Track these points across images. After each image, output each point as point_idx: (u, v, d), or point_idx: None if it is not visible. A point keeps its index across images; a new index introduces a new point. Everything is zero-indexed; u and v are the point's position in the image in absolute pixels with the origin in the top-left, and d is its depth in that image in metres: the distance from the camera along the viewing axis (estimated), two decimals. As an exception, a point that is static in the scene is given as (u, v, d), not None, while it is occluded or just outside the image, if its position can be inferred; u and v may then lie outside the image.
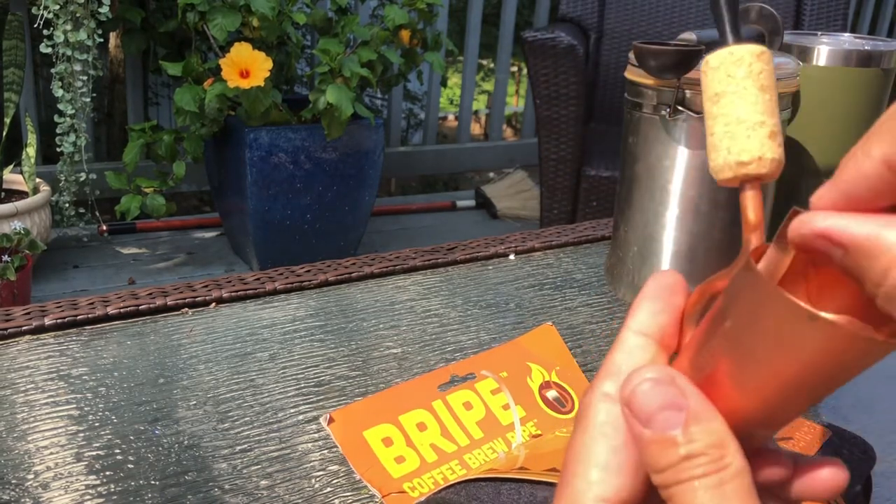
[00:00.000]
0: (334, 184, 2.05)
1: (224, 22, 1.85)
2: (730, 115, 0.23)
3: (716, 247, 0.67)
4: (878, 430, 0.55)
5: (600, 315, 0.68)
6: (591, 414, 0.25)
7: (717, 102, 0.24)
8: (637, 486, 0.24)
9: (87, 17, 1.90)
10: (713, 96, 0.24)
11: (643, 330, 0.26)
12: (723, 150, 0.23)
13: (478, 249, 0.78)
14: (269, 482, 0.45)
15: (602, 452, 0.24)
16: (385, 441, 0.48)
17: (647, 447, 0.22)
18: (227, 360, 0.56)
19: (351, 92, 1.88)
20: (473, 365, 0.54)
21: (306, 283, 0.68)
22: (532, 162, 2.72)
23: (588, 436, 0.24)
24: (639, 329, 0.26)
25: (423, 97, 3.42)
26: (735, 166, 0.23)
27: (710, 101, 0.24)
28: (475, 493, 0.39)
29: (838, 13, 2.36)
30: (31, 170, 1.98)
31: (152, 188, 1.98)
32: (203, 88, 1.87)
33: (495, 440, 0.50)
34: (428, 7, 2.16)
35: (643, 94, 0.66)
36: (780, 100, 0.65)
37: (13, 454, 0.46)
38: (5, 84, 1.93)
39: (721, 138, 0.23)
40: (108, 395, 0.52)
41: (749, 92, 0.23)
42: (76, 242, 2.23)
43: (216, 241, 2.37)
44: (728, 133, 0.23)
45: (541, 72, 2.05)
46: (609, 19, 2.43)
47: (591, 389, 0.25)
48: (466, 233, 2.61)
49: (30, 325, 0.58)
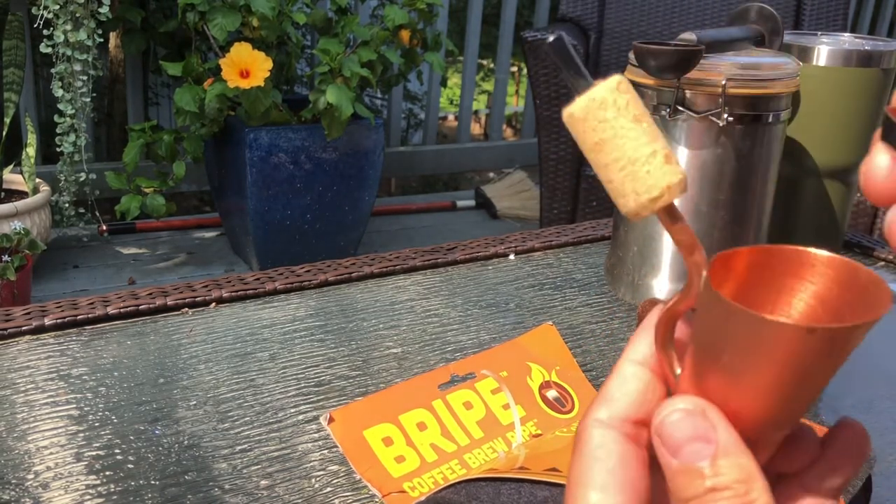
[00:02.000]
0: (334, 184, 2.05)
1: (224, 22, 1.85)
2: (621, 158, 0.23)
3: (716, 247, 0.67)
4: (878, 430, 0.55)
5: (600, 315, 0.68)
6: (585, 439, 0.25)
7: (601, 150, 0.23)
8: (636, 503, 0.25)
9: (87, 17, 1.90)
10: (594, 146, 0.23)
11: (639, 359, 0.26)
12: (630, 195, 0.23)
13: (478, 249, 0.78)
14: (269, 482, 0.45)
15: (599, 475, 0.25)
16: (385, 441, 0.48)
17: (675, 476, 0.23)
18: (227, 360, 0.56)
19: (351, 92, 1.88)
20: (473, 365, 0.54)
21: (306, 283, 0.68)
22: (532, 162, 2.72)
23: (584, 461, 0.25)
24: (635, 358, 0.26)
25: (423, 97, 3.42)
26: (649, 204, 0.23)
27: (592, 151, 0.24)
28: (475, 493, 0.39)
29: (838, 13, 2.36)
30: (31, 170, 1.98)
31: (152, 188, 1.98)
32: (203, 88, 1.87)
33: (495, 440, 0.50)
34: (428, 7, 2.16)
35: (643, 94, 0.66)
36: (781, 100, 0.65)
37: (13, 454, 0.46)
38: (5, 84, 1.93)
39: (623, 183, 0.23)
40: (108, 395, 0.52)
41: (627, 128, 0.23)
42: (76, 242, 2.23)
43: (216, 241, 2.37)
44: (628, 176, 0.23)
45: (541, 72, 2.05)
46: (609, 19, 2.43)
47: (586, 416, 0.26)
48: (466, 233, 2.61)
49: (30, 325, 0.58)
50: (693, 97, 0.63)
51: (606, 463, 0.25)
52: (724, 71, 0.62)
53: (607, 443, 0.25)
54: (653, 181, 0.23)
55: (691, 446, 0.23)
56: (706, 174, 0.65)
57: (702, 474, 0.22)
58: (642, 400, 0.25)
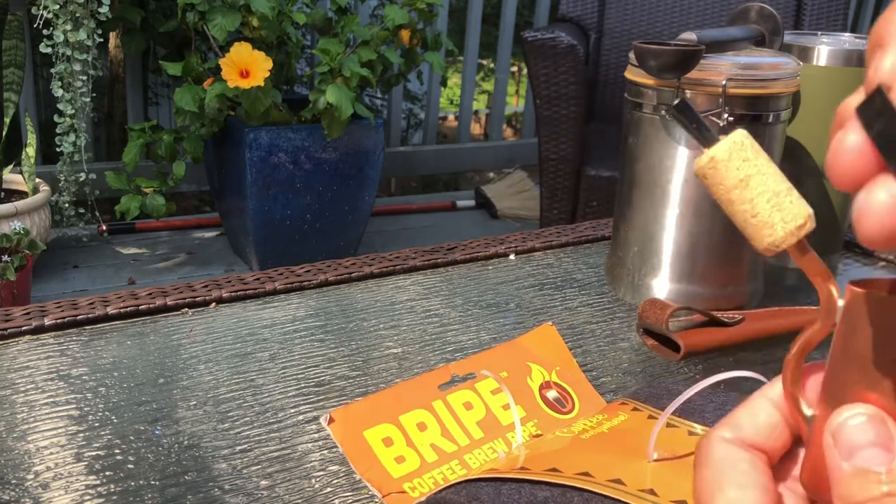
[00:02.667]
0: (334, 184, 2.05)
1: (224, 22, 1.85)
2: (766, 191, 0.26)
3: (716, 247, 0.67)
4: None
5: (600, 315, 0.68)
6: (709, 452, 0.26)
7: (747, 186, 0.26)
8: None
9: (87, 17, 1.90)
10: (739, 183, 0.26)
11: (772, 398, 0.27)
12: (778, 224, 0.26)
13: (478, 249, 0.78)
14: (269, 482, 0.45)
15: (734, 475, 0.26)
16: (385, 441, 0.48)
17: (846, 479, 0.23)
18: (227, 360, 0.56)
19: (351, 92, 1.88)
20: (473, 365, 0.54)
21: (306, 283, 0.68)
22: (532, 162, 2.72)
23: (715, 467, 0.26)
24: (769, 396, 0.27)
25: (423, 97, 3.42)
26: (796, 231, 0.25)
27: (737, 188, 0.26)
28: (475, 493, 0.39)
29: (838, 13, 2.36)
30: (31, 170, 1.98)
31: (152, 188, 1.98)
32: (203, 88, 1.87)
33: (495, 440, 0.50)
34: (428, 7, 2.16)
35: (643, 94, 0.66)
36: (781, 100, 0.65)
37: (13, 454, 0.46)
38: (5, 84, 1.93)
39: (770, 214, 0.26)
40: (108, 395, 0.52)
41: (766, 166, 0.26)
42: (76, 242, 2.23)
43: (216, 241, 2.37)
44: (775, 206, 0.26)
45: (541, 72, 2.05)
46: (609, 19, 2.43)
47: (708, 436, 0.27)
48: (466, 233, 2.61)
49: (30, 325, 0.58)
50: (693, 97, 0.63)
51: (738, 466, 0.26)
52: (724, 71, 0.62)
53: (734, 453, 0.26)
54: (797, 210, 0.25)
55: (868, 451, 0.23)
56: (706, 174, 0.65)
57: (878, 479, 0.22)
58: (767, 434, 0.26)
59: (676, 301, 0.66)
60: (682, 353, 0.60)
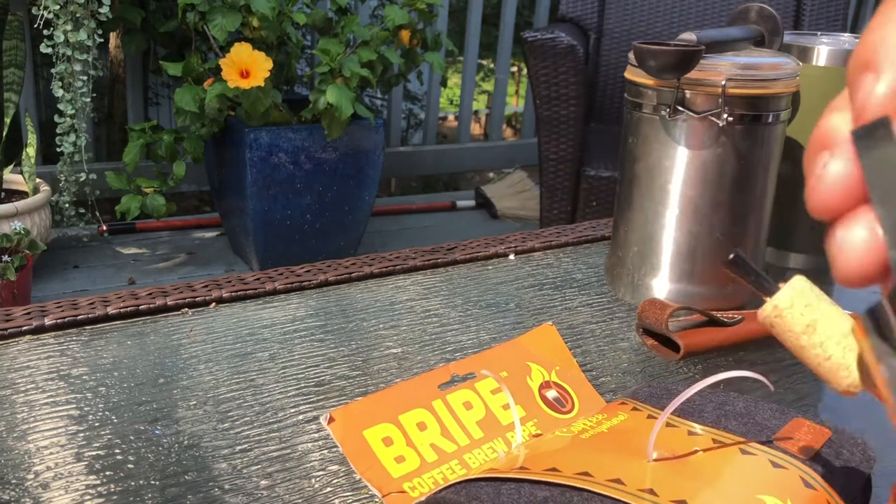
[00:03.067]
0: (334, 184, 2.05)
1: (224, 22, 1.85)
2: (834, 334, 0.26)
3: (716, 247, 0.67)
4: (877, 430, 0.55)
5: (600, 315, 0.68)
6: None
7: (815, 331, 0.26)
8: None
9: (87, 17, 1.90)
10: (806, 328, 0.26)
11: None
12: (852, 365, 0.26)
13: (478, 249, 0.78)
14: (269, 482, 0.45)
15: None
16: (385, 441, 0.48)
17: None
18: (227, 360, 0.56)
19: (351, 92, 1.88)
20: (473, 364, 0.54)
21: (306, 283, 0.68)
22: (532, 162, 2.72)
23: None
24: None
25: (423, 97, 3.43)
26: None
27: (805, 334, 0.26)
28: (475, 493, 0.39)
29: (838, 13, 2.36)
30: (31, 170, 1.98)
31: (152, 188, 1.98)
32: (203, 88, 1.87)
33: (495, 440, 0.50)
34: (428, 7, 2.16)
35: (643, 94, 0.66)
36: (781, 100, 0.65)
37: (13, 454, 0.46)
38: (5, 84, 1.93)
39: (843, 356, 0.26)
40: (108, 395, 0.52)
41: (829, 309, 0.26)
42: (76, 242, 2.23)
43: (216, 241, 2.37)
44: (847, 348, 0.26)
45: (541, 72, 2.05)
46: (609, 19, 2.43)
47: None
48: (466, 233, 2.61)
49: (30, 325, 0.58)
50: (693, 97, 0.63)
51: None
52: (724, 71, 0.62)
53: None
54: None
55: None
56: (706, 174, 0.65)
57: None
58: None
59: (676, 301, 0.66)
60: (681, 353, 0.60)
